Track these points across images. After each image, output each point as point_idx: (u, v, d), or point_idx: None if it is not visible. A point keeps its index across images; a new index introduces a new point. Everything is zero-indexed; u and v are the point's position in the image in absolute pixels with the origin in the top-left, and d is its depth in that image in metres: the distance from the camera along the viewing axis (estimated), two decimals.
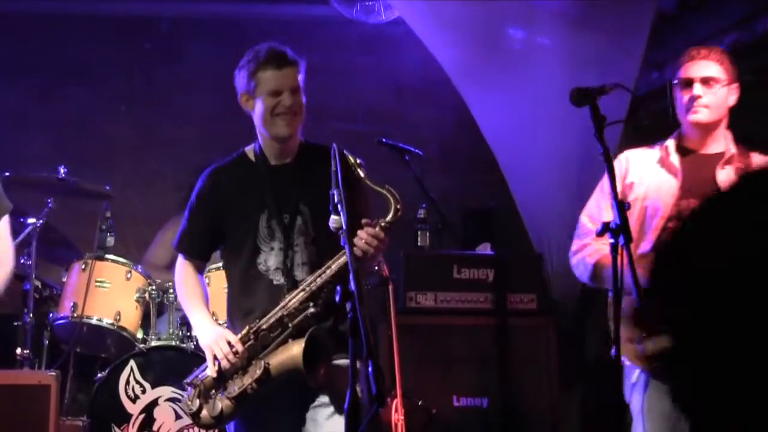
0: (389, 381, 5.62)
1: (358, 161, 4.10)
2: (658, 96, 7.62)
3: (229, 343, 4.18)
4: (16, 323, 6.51)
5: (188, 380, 4.36)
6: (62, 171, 6.58)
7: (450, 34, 7.29)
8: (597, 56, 6.98)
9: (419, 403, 6.13)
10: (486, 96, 7.33)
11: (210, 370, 4.25)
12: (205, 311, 4.47)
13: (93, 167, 7.44)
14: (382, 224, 4.13)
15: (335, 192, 3.93)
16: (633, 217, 4.42)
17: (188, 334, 6.52)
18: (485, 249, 6.90)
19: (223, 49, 8.56)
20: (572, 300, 7.37)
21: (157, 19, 8.57)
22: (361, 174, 4.09)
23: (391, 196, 4.13)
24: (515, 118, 7.26)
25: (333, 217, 3.96)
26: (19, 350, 6.41)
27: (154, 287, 6.48)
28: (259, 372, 4.11)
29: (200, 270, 4.65)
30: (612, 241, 3.90)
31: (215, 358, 4.21)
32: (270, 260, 4.32)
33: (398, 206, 4.13)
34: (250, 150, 4.56)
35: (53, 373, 5.95)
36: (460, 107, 7.71)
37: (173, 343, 6.37)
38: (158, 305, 6.55)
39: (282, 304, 4.19)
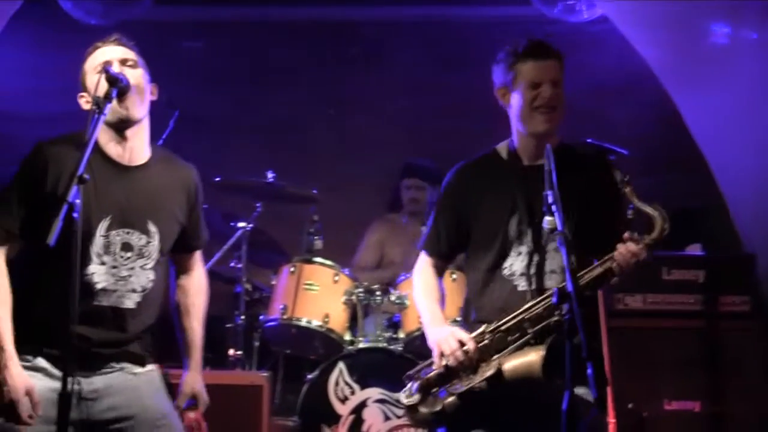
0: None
1: (626, 178, 3.93)
2: None
3: (460, 341, 4.01)
4: (228, 325, 6.67)
5: (410, 373, 4.22)
6: (270, 175, 6.71)
7: (655, 32, 7.16)
8: None
9: (629, 406, 6.03)
10: (693, 93, 7.17)
11: (436, 366, 4.09)
12: (437, 309, 4.29)
13: (296, 171, 7.54)
14: (646, 241, 3.93)
15: (550, 193, 3.75)
16: None
17: (395, 336, 6.57)
18: (695, 250, 6.74)
19: (424, 52, 8.63)
20: None
21: (359, 23, 8.65)
22: (627, 190, 3.93)
23: (659, 214, 3.93)
24: (724, 114, 7.06)
25: (547, 218, 3.78)
26: (231, 351, 6.59)
27: (361, 289, 6.54)
28: (490, 372, 3.95)
29: (440, 270, 4.45)
30: None
31: (442, 355, 4.05)
32: (516, 265, 4.13)
33: (665, 225, 3.94)
34: (502, 147, 4.32)
35: (265, 374, 6.09)
36: (660, 105, 7.58)
37: (381, 345, 6.43)
38: (365, 307, 6.61)
39: (525, 308, 4.00)
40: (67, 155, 3.83)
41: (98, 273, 3.89)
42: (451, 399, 4.04)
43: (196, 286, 4.39)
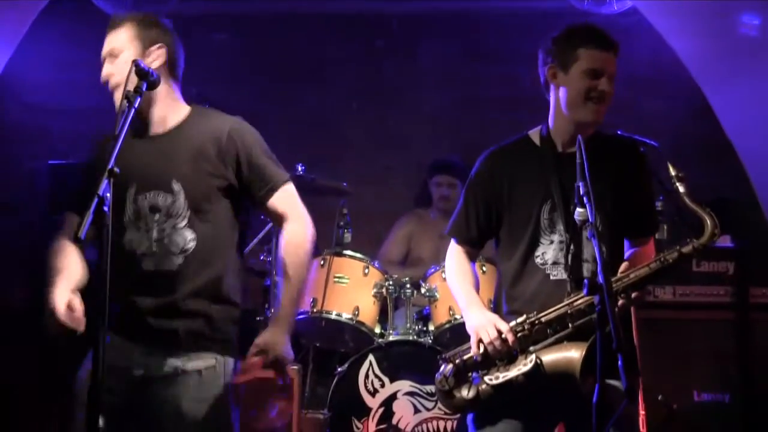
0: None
1: (680, 174, 3.89)
2: None
3: (499, 331, 3.98)
4: (258, 318, 6.65)
5: (446, 355, 4.19)
6: (300, 168, 6.71)
7: (686, 24, 7.14)
8: None
9: (659, 398, 6.01)
10: (724, 85, 7.15)
11: (473, 353, 4.06)
12: (474, 295, 4.22)
13: (326, 164, 7.53)
14: (695, 245, 3.90)
15: (581, 184, 3.69)
16: None
17: (425, 328, 6.56)
18: (725, 241, 6.71)
19: (453, 44, 8.61)
20: None
21: (387, 16, 8.65)
22: (680, 189, 3.89)
23: (710, 219, 3.89)
24: (755, 106, 7.04)
25: (578, 209, 3.72)
26: None
27: (391, 282, 6.53)
28: (529, 365, 3.93)
29: (472, 257, 4.37)
30: None
31: (480, 341, 4.02)
32: (548, 254, 4.07)
33: (716, 231, 3.88)
34: (534, 133, 4.24)
35: (295, 367, 6.10)
36: (692, 97, 7.55)
37: (411, 338, 6.43)
38: (395, 300, 6.60)
39: (568, 301, 3.96)
40: (104, 148, 3.85)
41: (135, 239, 3.92)
42: (485, 387, 4.02)
43: (285, 241, 4.11)
